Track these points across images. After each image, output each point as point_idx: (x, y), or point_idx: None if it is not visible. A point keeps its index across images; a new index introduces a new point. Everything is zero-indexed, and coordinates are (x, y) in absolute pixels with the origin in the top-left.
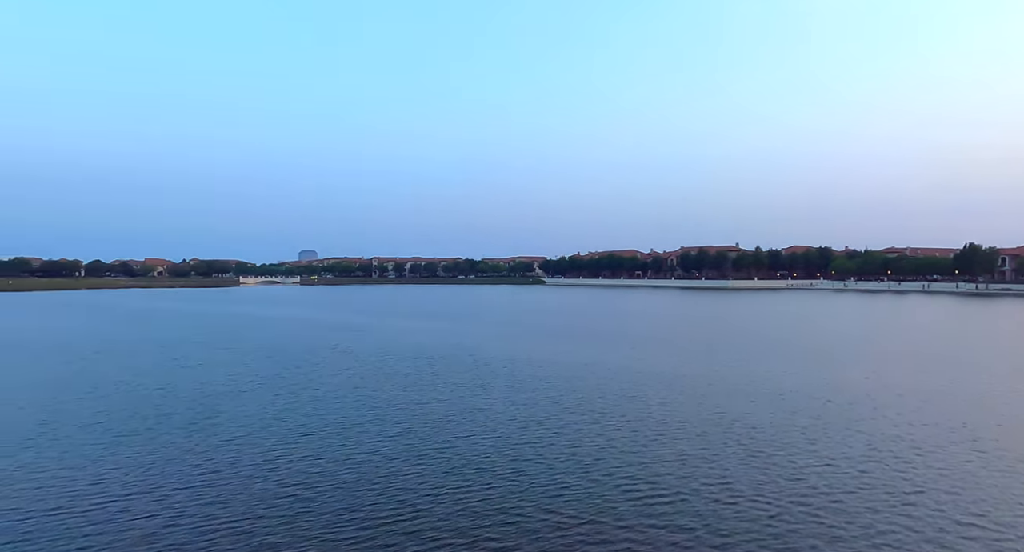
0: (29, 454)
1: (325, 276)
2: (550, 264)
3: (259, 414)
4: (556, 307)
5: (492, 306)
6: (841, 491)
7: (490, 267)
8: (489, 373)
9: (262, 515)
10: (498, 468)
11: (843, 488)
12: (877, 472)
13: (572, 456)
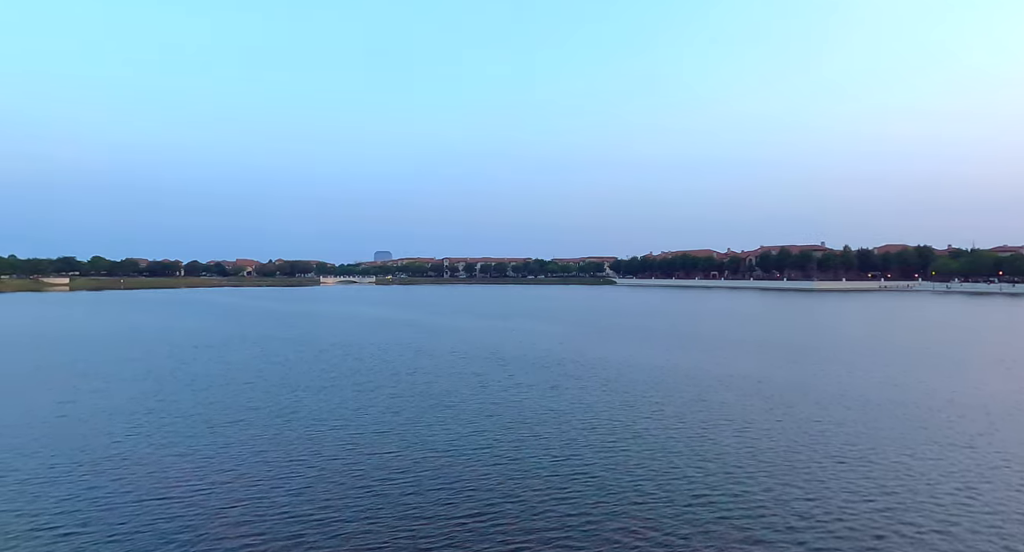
0: (137, 440)
1: (399, 276)
2: (621, 264)
3: (339, 410)
4: (628, 307)
5: (562, 306)
6: (943, 514)
7: (559, 267)
8: (561, 374)
9: (341, 506)
10: (571, 472)
11: (944, 512)
12: (987, 499)
13: (648, 463)
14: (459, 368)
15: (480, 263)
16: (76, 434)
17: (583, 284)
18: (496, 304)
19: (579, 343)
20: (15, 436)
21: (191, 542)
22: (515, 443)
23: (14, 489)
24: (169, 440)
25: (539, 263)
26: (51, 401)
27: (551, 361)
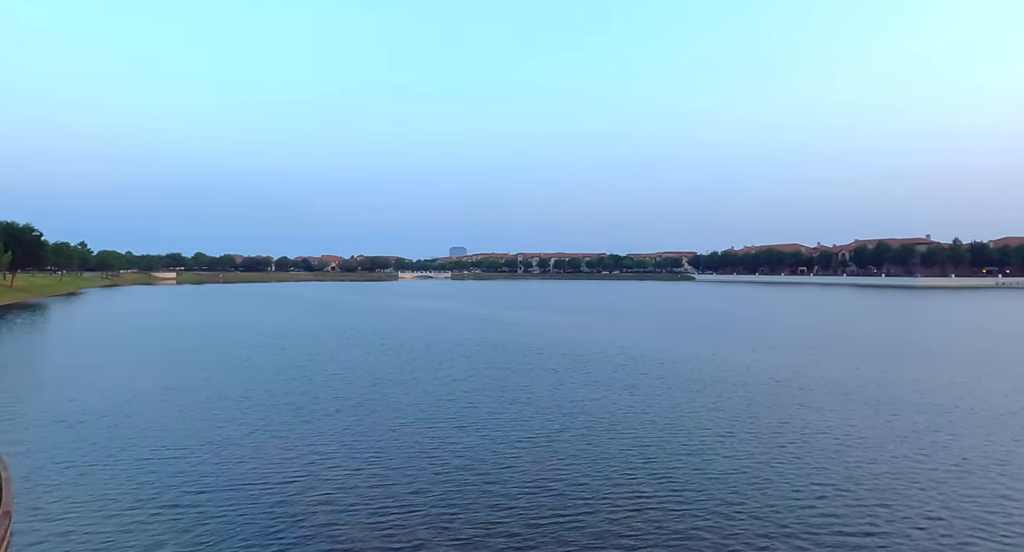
0: (234, 427)
1: (473, 271)
2: (700, 259)
3: (419, 402)
4: (709, 303)
5: (638, 302)
6: None
7: (635, 262)
8: (640, 372)
9: (419, 495)
10: (652, 476)
11: None
12: None
13: (741, 471)
14: (535, 364)
15: (554, 258)
16: (182, 418)
17: (659, 280)
18: (570, 299)
19: (658, 340)
20: (128, 418)
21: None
22: (593, 442)
23: (127, 469)
24: (263, 426)
25: (614, 258)
26: (159, 386)
27: (629, 358)
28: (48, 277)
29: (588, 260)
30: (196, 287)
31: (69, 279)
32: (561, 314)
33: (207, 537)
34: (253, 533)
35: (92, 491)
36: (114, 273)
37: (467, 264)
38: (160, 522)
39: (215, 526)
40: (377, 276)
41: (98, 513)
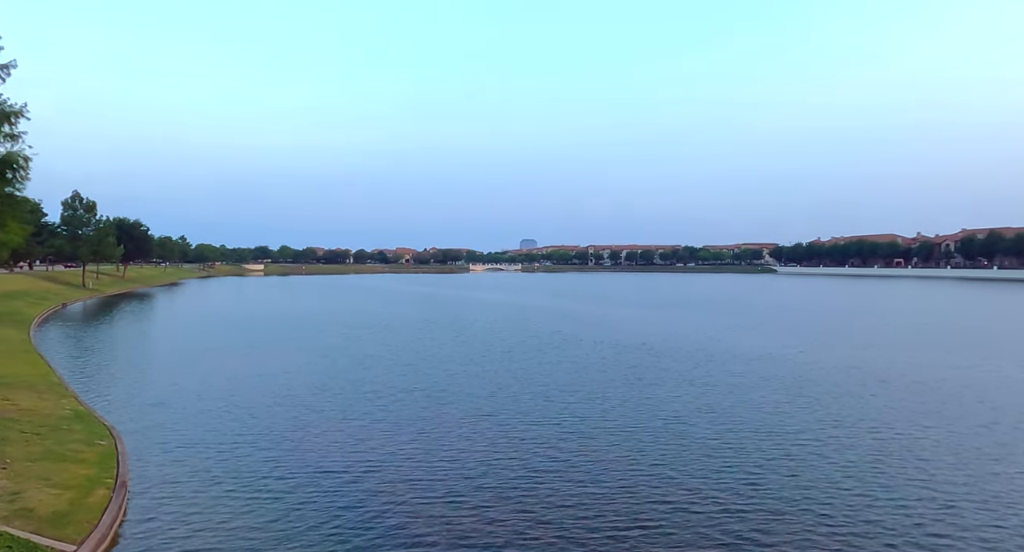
0: (315, 414)
1: (544, 264)
2: (783, 251)
3: (493, 396)
4: (793, 297)
5: (715, 295)
6: None
7: (711, 254)
8: (722, 369)
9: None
10: (740, 481)
11: None
12: None
13: (839, 480)
14: (610, 359)
15: (626, 250)
16: (270, 404)
17: (738, 272)
18: (643, 292)
19: (740, 335)
20: (223, 402)
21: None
22: (675, 441)
23: (221, 450)
24: (344, 414)
25: (689, 250)
26: (250, 372)
27: (710, 354)
28: (153, 268)
29: (662, 252)
30: (282, 278)
31: (171, 270)
32: (635, 307)
33: (291, 519)
34: (335, 520)
35: (191, 468)
36: (209, 265)
37: (537, 256)
38: (249, 499)
39: (297, 509)
40: (449, 268)
41: (197, 489)
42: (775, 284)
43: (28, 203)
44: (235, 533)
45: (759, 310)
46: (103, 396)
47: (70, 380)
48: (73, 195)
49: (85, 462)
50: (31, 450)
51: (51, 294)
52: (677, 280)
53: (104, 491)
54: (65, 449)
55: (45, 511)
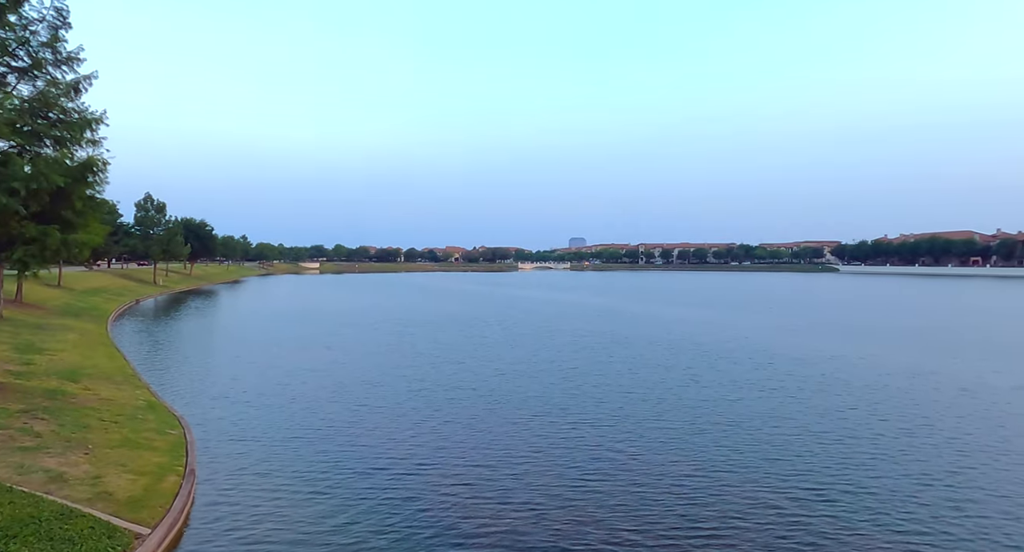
0: (369, 410)
1: (593, 262)
2: (845, 249)
3: (545, 396)
4: (857, 297)
5: (773, 295)
6: None
7: (768, 253)
8: (782, 373)
9: (549, 489)
10: (800, 491)
11: None
12: None
13: (911, 493)
14: (663, 360)
15: (678, 249)
16: (326, 400)
17: (797, 271)
18: (696, 291)
19: (802, 337)
20: (282, 397)
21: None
22: (733, 447)
23: (280, 442)
24: (397, 411)
25: (744, 248)
26: (306, 368)
27: (769, 356)
28: (217, 266)
29: (715, 250)
30: (336, 276)
31: (233, 268)
32: (688, 306)
33: (345, 512)
34: (387, 515)
35: (252, 459)
36: (268, 263)
37: (586, 255)
38: (306, 490)
39: (351, 503)
40: (498, 267)
41: (258, 479)
42: (837, 283)
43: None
44: (294, 522)
45: (820, 310)
46: (172, 388)
47: (143, 372)
48: (145, 197)
49: (157, 450)
50: (110, 437)
51: (126, 290)
52: (732, 279)
53: (175, 478)
54: (140, 437)
55: (123, 495)
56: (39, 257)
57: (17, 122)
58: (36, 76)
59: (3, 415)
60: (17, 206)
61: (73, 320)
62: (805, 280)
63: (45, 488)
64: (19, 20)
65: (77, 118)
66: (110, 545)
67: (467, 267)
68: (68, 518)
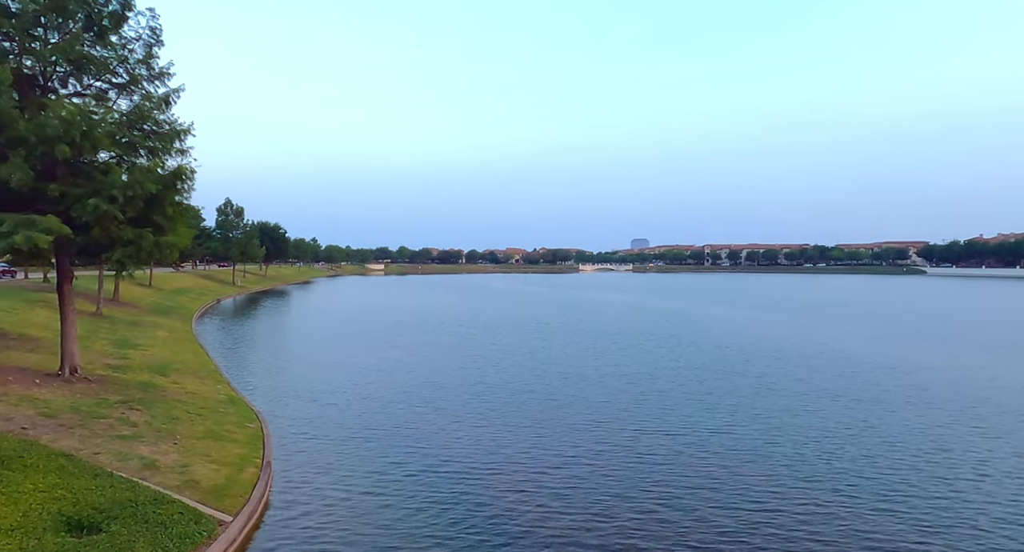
0: (430, 411)
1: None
2: (934, 250)
3: (611, 401)
4: (950, 302)
5: (852, 298)
6: None
7: (846, 254)
8: (865, 382)
9: (619, 497)
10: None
11: None
12: None
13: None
14: (734, 366)
15: (746, 250)
16: (389, 400)
17: (878, 273)
18: (767, 294)
19: (889, 344)
20: (347, 396)
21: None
22: (813, 459)
23: (345, 438)
24: (457, 412)
25: (819, 249)
26: (371, 367)
27: (852, 366)
28: (290, 268)
29: (787, 252)
30: (400, 277)
31: (304, 269)
32: (758, 310)
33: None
34: (450, 514)
35: (323, 453)
36: (336, 265)
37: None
38: (372, 485)
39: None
40: (558, 268)
41: (328, 473)
42: (925, 286)
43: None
44: (362, 515)
45: (906, 315)
46: (249, 383)
47: (223, 367)
48: (225, 202)
49: (237, 442)
50: (195, 429)
51: (208, 290)
52: (806, 281)
53: (253, 469)
54: (222, 429)
55: (208, 484)
56: (135, 258)
57: (116, 134)
58: (133, 91)
59: (104, 405)
60: (116, 211)
61: (162, 318)
62: (888, 283)
63: (140, 474)
64: (119, 40)
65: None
66: (197, 530)
67: (527, 268)
68: (160, 503)
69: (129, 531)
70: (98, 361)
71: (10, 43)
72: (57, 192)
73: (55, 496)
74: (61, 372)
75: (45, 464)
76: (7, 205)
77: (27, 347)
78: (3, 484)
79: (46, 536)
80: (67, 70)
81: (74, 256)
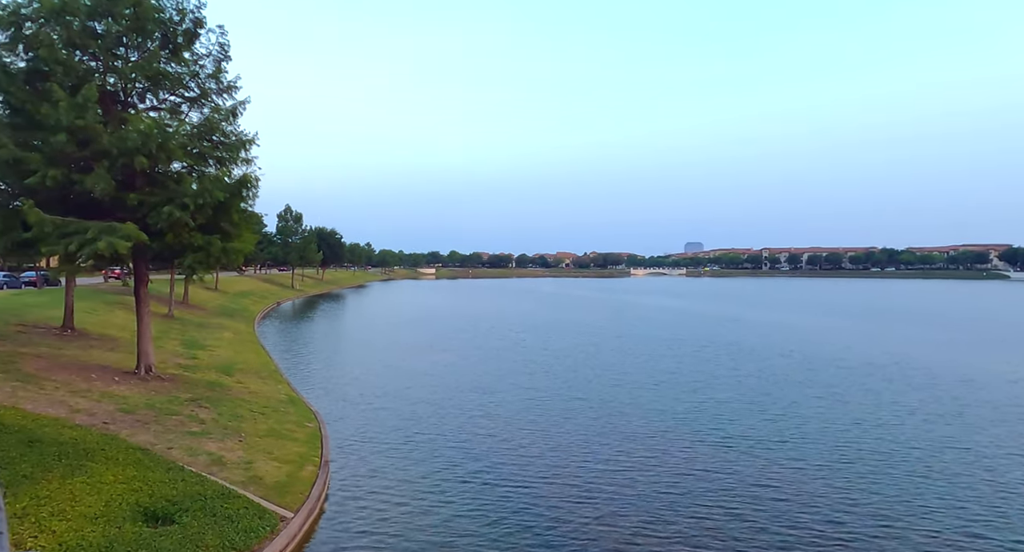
0: (480, 416)
1: (712, 268)
2: (1019, 253)
3: (669, 410)
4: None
5: (929, 304)
6: None
7: (917, 257)
8: (947, 396)
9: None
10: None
11: None
12: None
13: None
14: (798, 375)
15: (807, 253)
16: (440, 404)
17: (954, 278)
18: (832, 299)
19: (970, 356)
20: (400, 399)
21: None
22: (887, 480)
23: (397, 439)
24: (508, 418)
25: (887, 253)
26: (423, 371)
27: (930, 377)
28: (345, 272)
29: (852, 255)
30: (451, 281)
31: (359, 273)
32: (823, 316)
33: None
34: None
35: (378, 454)
36: (389, 269)
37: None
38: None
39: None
40: (609, 272)
41: (383, 473)
42: (1009, 293)
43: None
44: (416, 516)
45: (988, 323)
46: (307, 383)
47: (283, 368)
48: (285, 208)
49: (297, 441)
50: (258, 427)
51: (269, 293)
52: (874, 286)
53: (312, 467)
54: (283, 428)
55: (271, 480)
56: (204, 263)
57: (188, 145)
58: (203, 104)
59: (176, 403)
60: (187, 218)
61: (227, 320)
62: (967, 288)
63: (208, 469)
64: (191, 56)
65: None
66: (261, 525)
67: (577, 273)
68: (227, 498)
69: (199, 523)
70: (170, 360)
71: (95, 62)
72: (136, 201)
73: (133, 487)
74: (137, 370)
75: (124, 457)
76: (90, 213)
77: (107, 346)
78: (88, 475)
79: (126, 525)
80: (145, 86)
81: (149, 261)
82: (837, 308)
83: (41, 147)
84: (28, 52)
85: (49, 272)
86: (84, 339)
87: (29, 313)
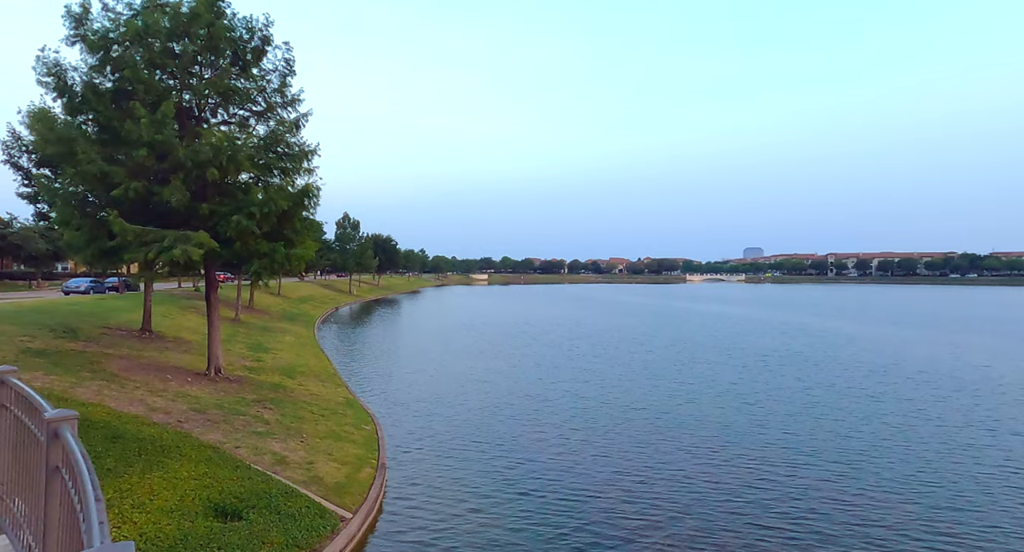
0: (534, 425)
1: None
2: None
3: (731, 423)
4: None
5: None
6: None
7: (1004, 263)
8: None
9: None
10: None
11: None
12: None
13: None
14: (870, 388)
15: (877, 259)
16: (492, 410)
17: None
18: (908, 307)
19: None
20: (453, 404)
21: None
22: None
23: (450, 445)
24: (562, 427)
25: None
26: (476, 378)
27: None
28: (400, 278)
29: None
30: (503, 287)
31: (414, 279)
32: (897, 326)
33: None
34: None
35: (432, 458)
36: (443, 275)
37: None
38: (481, 492)
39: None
40: (664, 278)
41: (438, 477)
42: None
43: (317, 224)
44: (471, 520)
45: None
46: (364, 387)
47: (341, 371)
48: (343, 216)
49: (355, 443)
50: (319, 429)
51: (327, 299)
52: (954, 294)
53: (369, 469)
54: (341, 430)
55: (330, 481)
56: (269, 269)
57: (255, 157)
58: (269, 117)
59: (243, 403)
60: (254, 226)
61: (289, 324)
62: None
63: (272, 468)
64: (259, 72)
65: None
66: (322, 524)
67: (631, 279)
68: (290, 497)
69: (265, 520)
70: (237, 363)
71: (173, 80)
72: (207, 210)
73: (204, 484)
74: (208, 372)
75: (196, 454)
76: (167, 223)
77: (181, 348)
78: (165, 471)
79: (198, 519)
80: (217, 101)
81: (219, 267)
82: (916, 317)
83: (124, 161)
84: (115, 73)
85: (130, 278)
86: (160, 341)
87: (112, 317)
